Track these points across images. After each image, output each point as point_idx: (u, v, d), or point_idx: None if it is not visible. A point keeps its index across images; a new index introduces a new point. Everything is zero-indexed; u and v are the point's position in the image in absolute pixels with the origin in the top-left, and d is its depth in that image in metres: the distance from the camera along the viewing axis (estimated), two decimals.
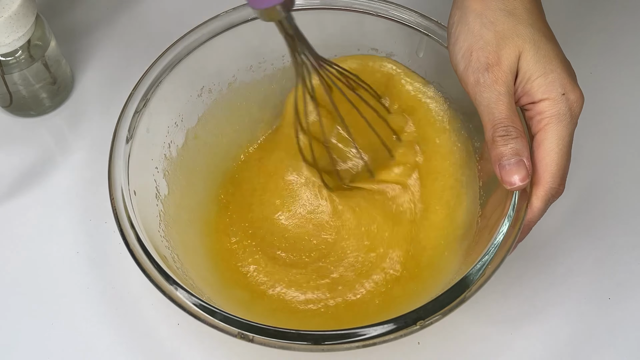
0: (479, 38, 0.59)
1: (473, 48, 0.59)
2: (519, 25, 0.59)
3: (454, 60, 0.61)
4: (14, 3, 0.70)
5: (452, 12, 0.63)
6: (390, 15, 0.70)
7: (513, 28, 0.59)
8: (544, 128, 0.59)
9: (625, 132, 0.80)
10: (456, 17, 0.62)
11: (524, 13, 0.60)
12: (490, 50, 0.58)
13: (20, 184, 0.76)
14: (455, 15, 0.62)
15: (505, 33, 0.59)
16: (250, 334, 0.55)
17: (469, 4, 0.60)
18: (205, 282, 0.64)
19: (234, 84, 0.73)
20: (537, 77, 0.58)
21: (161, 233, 0.63)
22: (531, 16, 0.60)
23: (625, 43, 0.86)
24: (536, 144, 0.59)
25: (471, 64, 0.59)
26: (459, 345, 0.68)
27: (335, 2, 0.70)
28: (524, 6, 0.60)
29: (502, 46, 0.58)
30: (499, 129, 0.58)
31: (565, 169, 0.60)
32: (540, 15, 0.61)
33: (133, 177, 0.62)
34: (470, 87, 0.59)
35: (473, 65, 0.59)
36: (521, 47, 0.58)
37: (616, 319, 0.69)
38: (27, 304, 0.70)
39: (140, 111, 0.65)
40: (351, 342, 0.54)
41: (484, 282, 0.56)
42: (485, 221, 0.64)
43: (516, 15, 0.59)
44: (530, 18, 0.60)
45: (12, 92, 0.77)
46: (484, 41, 0.59)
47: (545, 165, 0.59)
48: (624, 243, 0.73)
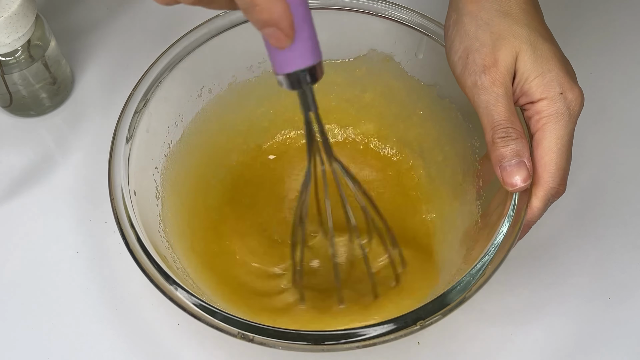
0: (475, 40, 0.59)
1: (469, 50, 0.59)
2: (514, 25, 0.59)
3: (451, 63, 0.61)
4: (14, 3, 0.70)
5: (448, 14, 0.63)
6: (390, 15, 0.69)
7: (509, 29, 0.59)
8: (542, 127, 0.59)
9: (625, 132, 0.80)
10: (452, 20, 0.62)
11: (519, 13, 0.59)
12: (487, 52, 0.58)
13: (20, 184, 0.76)
14: (451, 18, 0.62)
15: (501, 34, 0.58)
16: (250, 334, 0.55)
17: (463, 6, 0.60)
18: (205, 282, 0.64)
19: (234, 83, 0.73)
20: (534, 77, 0.58)
21: (161, 233, 0.63)
22: (527, 16, 0.60)
23: (625, 43, 0.86)
24: (535, 143, 0.59)
25: (468, 67, 0.59)
26: (459, 345, 0.68)
27: (335, 2, 0.70)
28: (519, 7, 0.60)
29: (499, 47, 0.58)
30: (499, 131, 0.58)
31: (565, 169, 0.59)
32: (537, 15, 0.61)
33: (133, 177, 0.62)
34: (468, 90, 0.59)
35: (470, 67, 0.59)
36: (518, 48, 0.58)
37: (616, 319, 0.69)
38: (27, 303, 0.70)
39: (140, 111, 0.65)
40: (351, 342, 0.54)
41: (484, 282, 0.56)
42: (485, 221, 0.64)
43: (512, 16, 0.59)
44: (526, 18, 0.59)
45: (12, 92, 0.77)
46: (479, 43, 0.59)
47: (544, 164, 0.59)
48: (624, 243, 0.73)
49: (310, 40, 0.50)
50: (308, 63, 0.51)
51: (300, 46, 0.49)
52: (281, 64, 0.51)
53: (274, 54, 0.51)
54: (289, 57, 0.50)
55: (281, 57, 0.50)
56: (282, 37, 0.48)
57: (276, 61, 0.51)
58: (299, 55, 0.50)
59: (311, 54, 0.50)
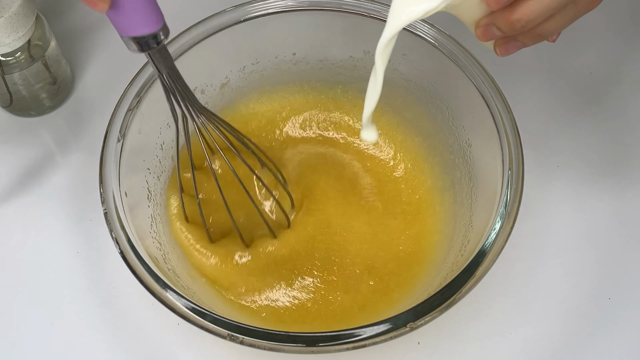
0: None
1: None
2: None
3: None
4: (14, 3, 0.70)
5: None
6: (383, 17, 0.69)
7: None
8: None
9: (625, 132, 0.80)
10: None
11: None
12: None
13: (20, 184, 0.77)
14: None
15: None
16: (239, 335, 0.55)
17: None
18: (196, 283, 0.64)
19: (226, 84, 0.73)
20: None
21: (153, 234, 0.63)
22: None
23: (625, 43, 0.86)
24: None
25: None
26: (459, 345, 0.68)
27: (327, 4, 0.70)
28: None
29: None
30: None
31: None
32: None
33: (124, 178, 0.62)
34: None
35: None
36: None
37: (616, 319, 0.69)
38: (27, 303, 0.71)
39: (132, 111, 0.65)
40: (341, 344, 0.54)
41: (475, 283, 0.56)
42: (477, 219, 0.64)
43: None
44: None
45: (12, 92, 0.77)
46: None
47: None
48: (624, 243, 0.73)
49: (139, 7, 0.53)
50: (145, 31, 0.54)
51: (129, 13, 0.52)
52: (120, 29, 0.54)
53: (110, 17, 0.53)
54: (124, 24, 0.53)
55: (117, 22, 0.53)
56: (96, 1, 0.50)
57: (115, 25, 0.54)
58: (134, 23, 0.53)
59: (145, 21, 0.53)
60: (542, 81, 0.83)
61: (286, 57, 0.73)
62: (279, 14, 0.69)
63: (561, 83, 0.83)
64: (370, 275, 0.68)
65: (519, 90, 0.81)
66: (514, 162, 0.61)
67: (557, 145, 0.79)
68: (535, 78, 0.83)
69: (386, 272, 0.68)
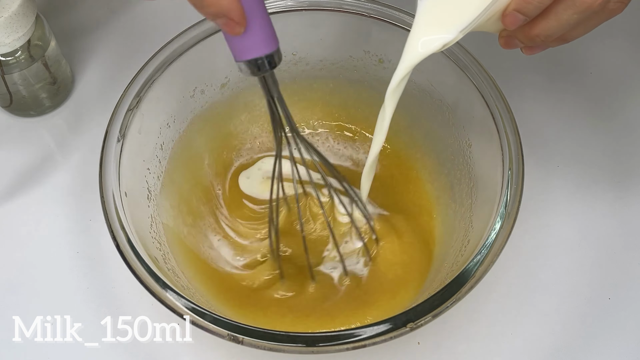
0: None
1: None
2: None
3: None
4: (14, 3, 0.70)
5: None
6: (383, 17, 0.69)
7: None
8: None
9: (625, 132, 0.80)
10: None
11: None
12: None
13: (20, 184, 0.77)
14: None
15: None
16: (240, 335, 0.55)
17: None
18: (197, 283, 0.64)
19: (226, 85, 0.73)
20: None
21: (152, 234, 0.63)
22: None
23: (625, 43, 0.86)
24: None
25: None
26: (459, 345, 0.68)
27: (327, 4, 0.70)
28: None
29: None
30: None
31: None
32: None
33: (124, 178, 0.62)
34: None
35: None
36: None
37: (616, 319, 0.69)
38: (27, 303, 0.70)
39: (132, 111, 0.65)
40: (341, 344, 0.54)
41: (475, 283, 0.56)
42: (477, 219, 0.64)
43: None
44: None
45: (12, 92, 0.77)
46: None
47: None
48: (624, 243, 0.73)
49: (264, 28, 0.52)
50: (265, 51, 0.53)
51: (255, 35, 0.52)
52: (240, 52, 0.53)
53: (232, 42, 0.53)
54: (246, 46, 0.53)
55: (239, 45, 0.53)
56: (234, 25, 0.50)
57: (234, 49, 0.53)
58: (256, 43, 0.53)
59: (266, 42, 0.53)
60: (542, 81, 0.83)
61: (286, 57, 0.73)
62: (278, 14, 0.69)
63: (561, 83, 0.83)
64: (370, 275, 0.68)
65: (519, 90, 0.81)
66: (514, 162, 0.61)
67: (557, 145, 0.79)
68: (535, 78, 0.83)
69: (386, 272, 0.68)
